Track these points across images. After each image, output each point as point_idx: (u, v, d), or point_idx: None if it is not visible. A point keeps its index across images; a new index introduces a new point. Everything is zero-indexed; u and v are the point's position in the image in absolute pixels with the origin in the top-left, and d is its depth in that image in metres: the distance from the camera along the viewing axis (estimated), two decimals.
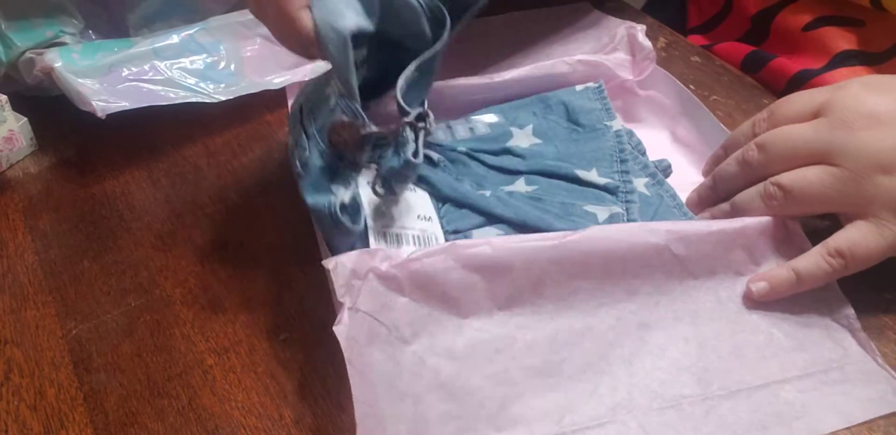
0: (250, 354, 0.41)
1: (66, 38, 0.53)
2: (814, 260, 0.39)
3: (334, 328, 0.36)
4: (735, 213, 0.42)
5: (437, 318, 0.39)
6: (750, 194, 0.41)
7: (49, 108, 0.54)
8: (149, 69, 0.52)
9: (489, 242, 0.39)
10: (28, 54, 0.52)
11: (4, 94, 0.51)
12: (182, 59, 0.53)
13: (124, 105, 0.49)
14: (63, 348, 0.42)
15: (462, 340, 0.39)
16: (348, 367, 0.35)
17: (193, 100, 0.52)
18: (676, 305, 0.40)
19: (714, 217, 0.43)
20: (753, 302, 0.40)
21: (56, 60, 0.50)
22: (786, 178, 0.40)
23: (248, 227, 0.48)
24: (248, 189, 0.51)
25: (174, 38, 0.53)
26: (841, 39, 0.54)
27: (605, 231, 0.40)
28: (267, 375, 0.40)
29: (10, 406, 0.39)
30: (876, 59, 0.53)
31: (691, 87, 0.56)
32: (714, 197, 0.44)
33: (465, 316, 0.39)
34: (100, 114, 0.49)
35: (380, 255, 0.39)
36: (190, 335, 0.42)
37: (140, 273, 0.46)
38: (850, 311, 0.39)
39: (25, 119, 0.53)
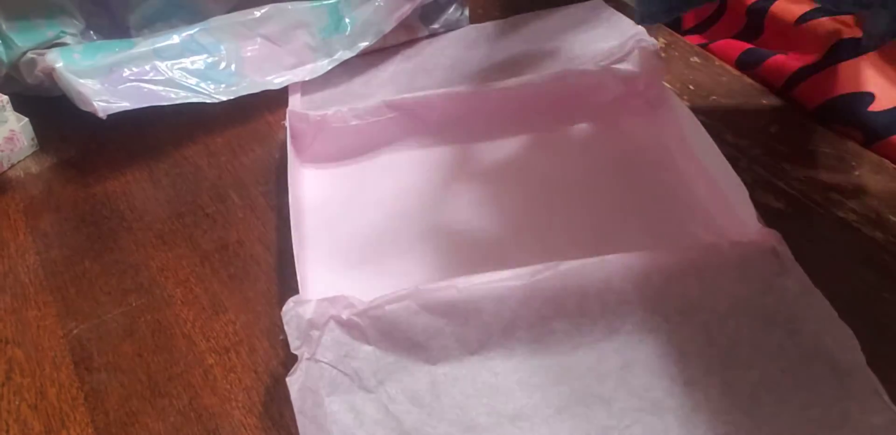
0: (251, 353, 0.41)
1: (67, 39, 0.53)
2: None
3: (287, 379, 0.36)
4: None
5: (404, 365, 0.38)
6: None
7: (50, 108, 0.54)
8: (150, 69, 0.52)
9: (455, 284, 0.38)
10: (29, 55, 0.52)
11: (6, 94, 0.51)
12: (183, 60, 0.53)
13: (125, 105, 0.49)
14: (64, 348, 0.42)
15: (429, 387, 0.38)
16: (298, 416, 0.35)
17: (194, 100, 0.52)
18: (661, 342, 0.38)
19: None
20: (746, 336, 0.37)
21: (57, 61, 0.50)
22: None
23: (248, 227, 0.48)
24: (248, 189, 0.51)
25: (175, 39, 0.53)
26: (834, 30, 0.53)
27: (576, 267, 0.38)
28: (267, 374, 0.40)
29: (11, 406, 0.39)
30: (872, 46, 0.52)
31: (691, 87, 0.57)
32: None
33: (433, 362, 0.38)
34: (101, 114, 0.49)
35: (341, 302, 0.38)
36: (191, 335, 0.42)
37: (141, 273, 0.46)
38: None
39: (27, 119, 0.53)
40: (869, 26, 0.44)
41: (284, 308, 0.37)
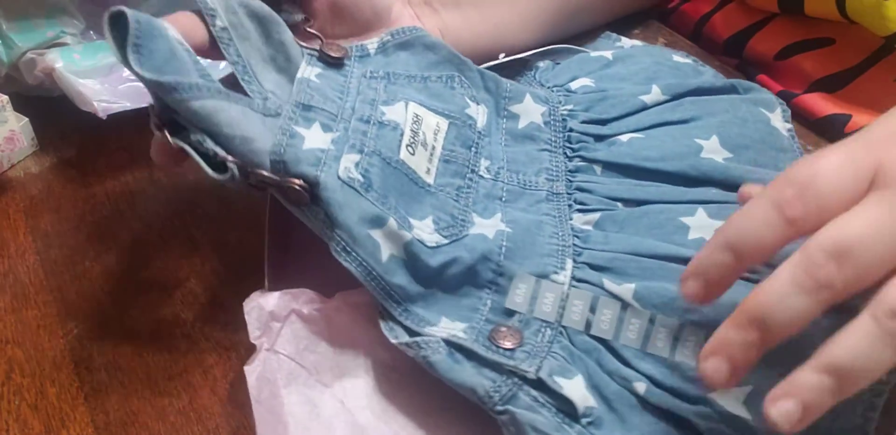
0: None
1: (68, 39, 0.53)
2: (862, 336, 0.27)
3: (245, 368, 0.36)
4: (848, 385, 0.27)
5: (362, 362, 0.38)
6: (864, 347, 0.27)
7: (50, 108, 0.54)
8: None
9: None
10: (29, 55, 0.52)
11: (6, 94, 0.51)
12: None
13: (126, 105, 0.49)
14: (64, 348, 0.42)
15: (386, 383, 0.38)
16: (255, 405, 0.36)
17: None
18: None
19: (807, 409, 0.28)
20: None
21: (57, 61, 0.50)
22: None
23: (249, 226, 0.48)
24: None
25: None
26: (814, 66, 0.54)
27: None
28: None
29: (11, 406, 0.39)
30: (849, 75, 0.53)
31: None
32: (764, 347, 0.28)
33: (392, 362, 0.38)
34: (101, 114, 0.49)
35: (304, 297, 0.39)
36: (191, 335, 0.43)
37: (141, 273, 0.46)
38: None
39: (27, 119, 0.53)
40: None
41: (247, 300, 0.38)
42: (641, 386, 0.35)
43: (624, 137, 0.44)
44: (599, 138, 0.44)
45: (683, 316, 0.35)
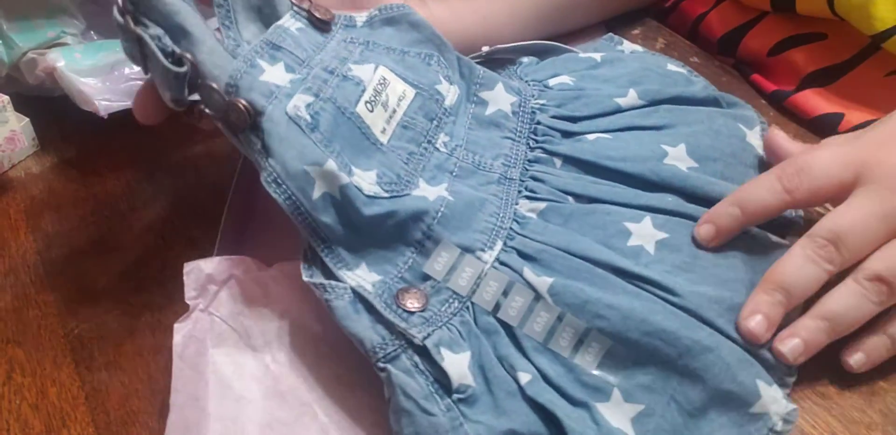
0: None
1: (68, 39, 0.53)
2: (849, 296, 0.36)
3: (175, 325, 0.38)
4: (839, 327, 0.36)
5: (293, 330, 0.39)
6: (851, 301, 0.36)
7: (51, 108, 0.54)
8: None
9: None
10: (30, 54, 0.52)
11: (7, 94, 0.51)
12: None
13: (127, 104, 0.49)
14: (65, 347, 0.42)
15: (314, 353, 0.38)
16: (176, 361, 0.37)
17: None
18: None
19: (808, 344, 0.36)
20: None
21: (58, 60, 0.50)
22: (882, 268, 0.35)
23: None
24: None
25: None
26: (806, 60, 0.54)
27: None
28: None
29: (11, 405, 0.39)
30: (840, 69, 0.53)
31: None
32: (789, 306, 0.37)
33: (322, 333, 0.39)
34: (102, 112, 0.49)
35: (244, 264, 0.40)
36: None
37: (141, 272, 0.46)
38: None
39: (27, 119, 0.53)
40: None
41: (187, 263, 0.39)
42: (526, 377, 0.35)
43: (591, 136, 0.44)
44: (567, 134, 0.44)
45: (592, 321, 0.35)
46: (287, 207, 0.37)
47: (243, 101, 0.37)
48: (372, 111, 0.40)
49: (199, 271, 0.40)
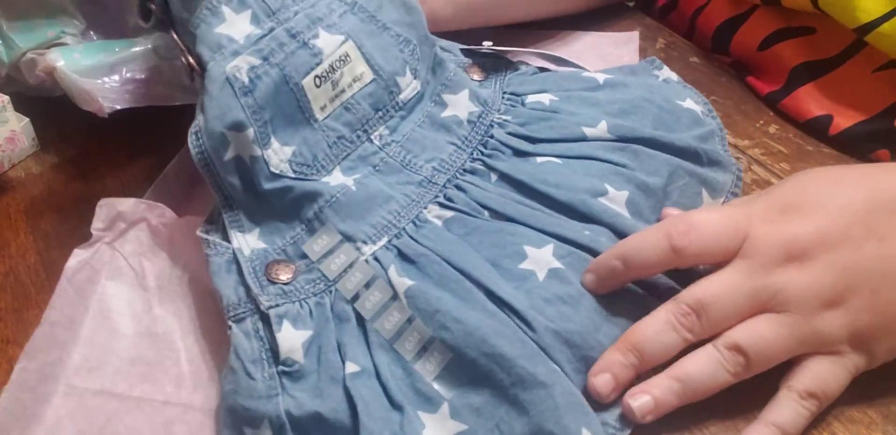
0: None
1: (68, 39, 0.53)
2: (792, 409, 0.35)
3: (75, 250, 0.42)
4: (691, 391, 0.35)
5: (186, 282, 0.42)
6: (707, 367, 0.35)
7: (51, 108, 0.54)
8: (150, 68, 0.52)
9: None
10: (30, 55, 0.52)
11: (6, 94, 0.51)
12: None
13: (127, 104, 0.49)
14: None
15: (198, 306, 0.41)
16: (62, 281, 0.40)
17: (195, 102, 0.52)
18: None
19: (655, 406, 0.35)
20: None
21: (58, 60, 0.50)
22: (741, 339, 0.35)
23: None
24: None
25: (174, 36, 0.53)
26: (794, 53, 0.54)
27: None
28: None
29: None
30: (828, 65, 0.53)
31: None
32: (640, 369, 0.36)
33: (212, 286, 0.40)
34: (105, 110, 0.49)
35: (158, 210, 0.43)
36: None
37: None
38: None
39: (27, 119, 0.53)
40: None
41: (104, 199, 0.42)
42: (353, 367, 0.35)
43: (541, 159, 0.43)
44: (519, 153, 0.44)
45: (438, 331, 0.36)
46: (198, 161, 0.39)
47: (188, 58, 0.39)
48: (319, 86, 0.40)
49: (112, 208, 0.43)
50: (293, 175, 0.39)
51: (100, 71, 0.50)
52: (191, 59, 0.39)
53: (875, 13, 0.47)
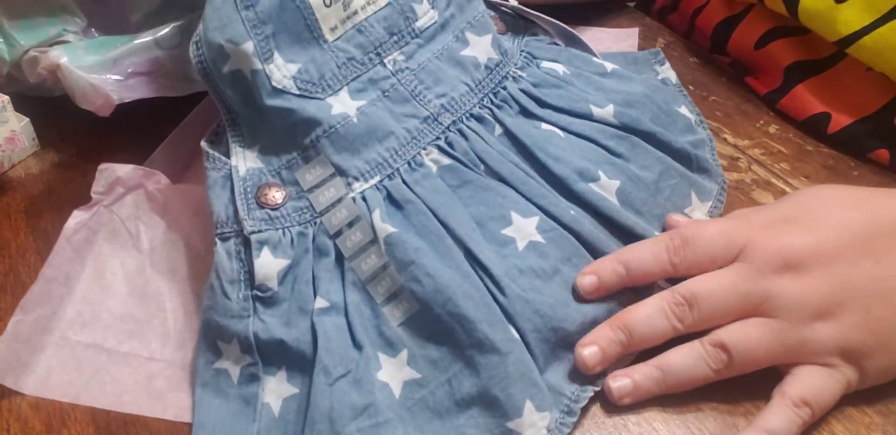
0: None
1: (69, 37, 0.53)
2: (785, 416, 0.35)
3: (75, 211, 0.43)
4: (671, 380, 0.37)
5: (179, 245, 0.43)
6: (689, 360, 0.36)
7: (51, 108, 0.54)
8: (153, 60, 0.51)
9: None
10: (31, 53, 0.52)
11: (7, 94, 0.51)
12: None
13: (131, 97, 0.49)
14: None
15: (189, 268, 0.42)
16: (61, 241, 0.42)
17: (199, 90, 0.52)
18: None
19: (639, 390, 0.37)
20: None
21: (62, 56, 0.50)
22: (727, 338, 0.36)
23: None
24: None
25: (174, 28, 0.53)
26: (788, 52, 0.54)
27: None
28: None
29: (12, 405, 0.39)
30: (821, 65, 0.53)
31: (690, 87, 0.57)
32: (627, 348, 0.37)
33: (205, 253, 0.42)
34: (116, 101, 0.49)
35: (155, 177, 0.44)
36: None
37: None
38: None
39: (27, 119, 0.53)
40: None
41: (104, 164, 0.44)
42: (322, 302, 0.36)
43: (546, 126, 0.43)
44: (525, 112, 0.43)
45: (408, 283, 0.36)
46: (199, 71, 0.39)
47: None
48: (329, 6, 0.39)
49: (112, 172, 0.44)
50: (297, 92, 0.38)
51: (103, 66, 0.50)
52: None
53: (855, 25, 0.47)
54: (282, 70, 0.38)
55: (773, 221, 0.38)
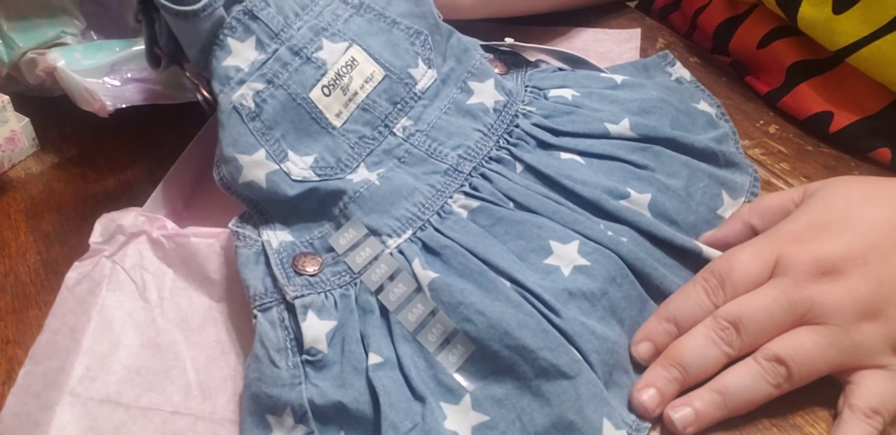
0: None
1: (68, 39, 0.53)
2: (860, 429, 0.34)
3: (75, 262, 0.42)
4: (732, 403, 0.36)
5: (189, 293, 0.42)
6: (747, 379, 0.36)
7: (51, 108, 0.54)
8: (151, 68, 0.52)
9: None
10: (30, 54, 0.52)
11: (7, 94, 0.51)
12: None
13: (128, 102, 0.49)
14: None
15: (201, 316, 0.41)
16: (63, 291, 0.41)
17: (196, 99, 0.52)
18: None
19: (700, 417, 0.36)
20: None
21: (59, 60, 0.50)
22: (781, 350, 0.35)
23: None
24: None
25: None
26: (791, 51, 0.54)
27: None
28: None
29: None
30: (824, 65, 0.53)
31: None
32: (685, 384, 0.37)
33: (217, 300, 0.41)
34: (108, 108, 0.49)
35: (158, 223, 0.43)
36: None
37: None
38: None
39: (27, 119, 0.53)
40: None
41: (105, 214, 0.43)
42: (376, 359, 0.36)
43: (564, 155, 0.43)
44: (543, 144, 0.44)
45: (461, 323, 0.36)
46: (221, 185, 0.40)
47: (202, 93, 0.41)
48: (328, 95, 0.41)
49: (111, 222, 0.43)
50: (317, 178, 0.40)
51: (100, 70, 0.50)
52: (205, 94, 0.41)
53: (853, 36, 0.47)
54: (298, 164, 0.40)
55: (799, 231, 0.38)
